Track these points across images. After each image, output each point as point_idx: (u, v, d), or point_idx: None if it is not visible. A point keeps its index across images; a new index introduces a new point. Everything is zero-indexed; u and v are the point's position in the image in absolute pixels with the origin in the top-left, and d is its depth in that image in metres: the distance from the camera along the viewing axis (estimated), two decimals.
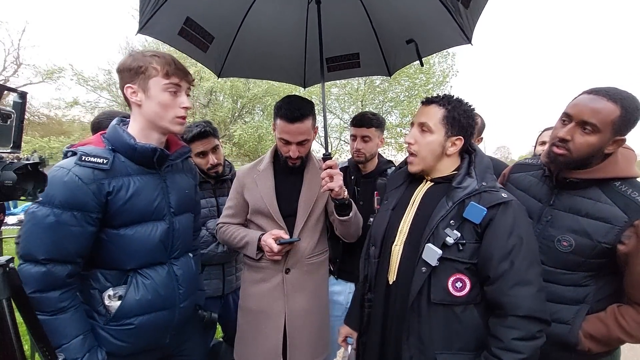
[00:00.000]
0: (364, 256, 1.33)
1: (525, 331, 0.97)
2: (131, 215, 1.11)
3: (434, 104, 1.17)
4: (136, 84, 1.10)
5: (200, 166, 1.87)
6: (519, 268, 1.00)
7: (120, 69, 1.12)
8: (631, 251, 1.06)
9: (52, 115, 16.46)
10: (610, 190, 1.13)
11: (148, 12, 1.56)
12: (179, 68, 1.13)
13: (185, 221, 1.29)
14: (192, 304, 1.32)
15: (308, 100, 1.51)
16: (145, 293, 1.13)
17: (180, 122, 1.16)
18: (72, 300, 1.05)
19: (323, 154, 1.48)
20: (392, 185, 1.33)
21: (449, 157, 1.18)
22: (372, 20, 1.89)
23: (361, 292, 1.32)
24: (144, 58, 1.10)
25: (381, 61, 2.09)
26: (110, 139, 1.14)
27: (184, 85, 1.15)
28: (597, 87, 1.13)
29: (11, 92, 0.85)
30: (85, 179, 1.03)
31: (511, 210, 1.05)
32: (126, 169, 1.12)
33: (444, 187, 1.16)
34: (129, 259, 1.13)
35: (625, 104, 1.06)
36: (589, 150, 1.10)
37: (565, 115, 1.16)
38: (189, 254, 1.33)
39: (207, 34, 1.80)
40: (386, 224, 1.24)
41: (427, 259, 1.06)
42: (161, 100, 1.11)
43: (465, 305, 1.06)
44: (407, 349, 1.10)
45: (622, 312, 1.10)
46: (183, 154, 1.30)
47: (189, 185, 1.34)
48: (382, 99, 15.67)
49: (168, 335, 1.24)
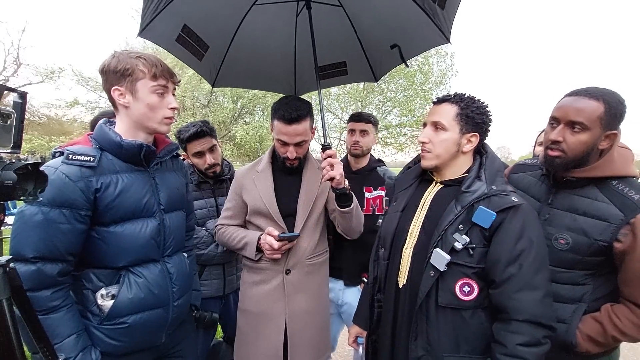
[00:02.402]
0: (373, 257, 1.33)
1: (530, 337, 0.96)
2: (120, 211, 1.12)
3: (446, 102, 1.17)
4: (123, 86, 1.10)
5: (198, 166, 1.87)
6: (526, 272, 0.99)
7: (104, 70, 1.10)
8: (627, 249, 1.07)
9: (52, 115, 16.48)
10: (607, 188, 1.14)
11: (149, 15, 1.58)
12: (165, 69, 1.14)
13: (176, 218, 1.29)
14: (186, 302, 1.32)
15: (305, 101, 1.51)
16: (138, 291, 1.14)
17: (168, 122, 1.19)
18: (64, 299, 1.05)
19: (322, 144, 1.48)
20: (401, 186, 1.33)
21: (464, 155, 1.17)
22: (357, 29, 1.98)
23: (370, 293, 1.32)
24: (130, 60, 1.09)
25: (367, 68, 2.18)
26: (97, 138, 1.15)
27: (170, 87, 1.17)
28: (577, 89, 1.16)
29: (11, 92, 0.85)
30: (72, 177, 1.03)
31: (521, 215, 1.04)
32: (114, 166, 1.13)
33: (454, 190, 1.15)
34: (120, 256, 1.13)
35: (607, 99, 1.09)
36: (583, 148, 1.12)
37: (552, 119, 1.18)
38: (182, 253, 1.34)
39: (203, 42, 1.84)
40: (395, 225, 1.24)
41: (435, 263, 1.06)
42: (149, 102, 1.12)
43: (473, 309, 1.06)
44: (415, 350, 1.10)
45: (615, 311, 1.11)
46: (171, 151, 1.30)
47: (179, 183, 1.34)
48: (382, 99, 15.67)
49: (163, 334, 1.24)
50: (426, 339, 1.08)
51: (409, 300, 1.14)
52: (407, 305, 1.15)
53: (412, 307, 1.11)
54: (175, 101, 1.19)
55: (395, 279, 1.20)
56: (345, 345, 1.80)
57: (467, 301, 1.05)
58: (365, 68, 2.17)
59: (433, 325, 1.07)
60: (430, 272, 1.07)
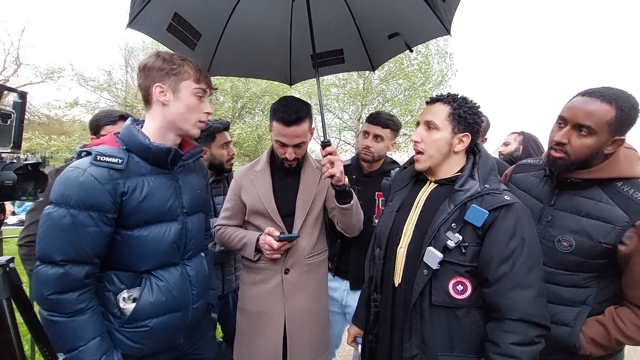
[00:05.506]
0: (369, 257, 1.34)
1: (523, 336, 0.96)
2: (145, 215, 1.11)
3: (439, 102, 1.18)
4: (167, 84, 1.11)
5: (222, 157, 1.95)
6: (518, 271, 0.99)
7: (148, 67, 1.12)
8: (632, 252, 1.05)
9: (52, 115, 16.47)
10: (612, 190, 1.11)
11: (137, 5, 1.55)
12: (207, 76, 1.19)
13: (197, 221, 1.29)
14: (204, 304, 1.32)
15: (304, 102, 1.51)
16: (159, 295, 1.13)
17: (200, 126, 1.21)
18: (90, 301, 1.05)
19: (322, 141, 1.47)
20: (397, 186, 1.33)
21: (456, 155, 1.18)
22: (355, 16, 1.92)
23: (367, 293, 1.33)
24: (177, 60, 1.13)
25: (364, 56, 2.12)
26: (124, 139, 1.14)
27: (208, 92, 1.21)
28: (591, 89, 1.11)
29: (11, 92, 0.85)
30: (101, 179, 1.02)
31: (514, 213, 1.04)
32: (140, 169, 1.12)
33: (447, 189, 1.16)
34: (142, 260, 1.12)
35: (621, 103, 1.05)
36: (587, 152, 1.10)
37: (560, 118, 1.15)
38: (201, 254, 1.33)
39: (195, 31, 1.79)
40: (391, 225, 1.24)
41: (428, 262, 1.06)
42: (189, 103, 1.14)
43: (467, 308, 1.06)
44: (410, 349, 1.10)
45: (619, 314, 1.09)
46: (196, 154, 1.30)
47: (200, 185, 1.34)
48: (382, 99, 15.68)
49: (182, 335, 1.24)
50: (420, 338, 1.08)
51: (404, 299, 1.14)
52: (402, 305, 1.15)
53: (407, 306, 1.12)
54: (209, 107, 1.22)
55: (391, 278, 1.20)
56: (346, 345, 1.81)
57: (461, 300, 1.05)
58: (362, 56, 2.12)
59: (427, 324, 1.08)
60: (424, 270, 1.07)
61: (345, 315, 1.95)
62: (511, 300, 0.98)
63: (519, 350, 0.95)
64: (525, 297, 0.98)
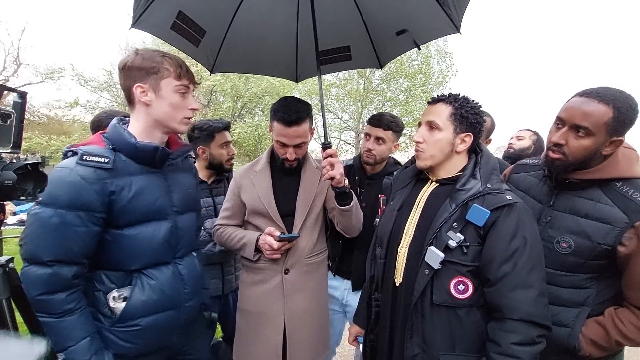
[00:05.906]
0: (370, 256, 1.34)
1: (524, 336, 0.96)
2: (135, 215, 1.11)
3: (440, 102, 1.18)
4: (147, 84, 1.10)
5: (221, 157, 1.94)
6: (520, 271, 0.99)
7: (128, 66, 1.10)
8: (631, 253, 1.05)
9: (52, 115, 16.46)
10: (611, 190, 1.11)
11: (141, 5, 1.55)
12: (188, 71, 1.16)
13: (188, 220, 1.29)
14: (197, 303, 1.32)
15: (305, 102, 1.51)
16: (150, 294, 1.13)
17: (187, 122, 1.20)
18: (79, 301, 1.04)
19: (322, 142, 1.47)
20: (398, 186, 1.33)
21: (458, 155, 1.18)
22: (362, 12, 1.90)
23: (368, 292, 1.33)
24: (156, 58, 1.10)
25: (372, 53, 2.09)
26: (110, 138, 1.13)
27: (191, 88, 1.18)
28: (589, 89, 1.11)
29: (11, 92, 0.85)
30: (88, 179, 1.02)
31: (515, 213, 1.04)
32: (128, 168, 1.12)
33: (449, 188, 1.16)
34: (133, 259, 1.12)
35: (618, 104, 1.04)
36: (584, 153, 1.09)
37: (558, 119, 1.15)
38: (192, 253, 1.33)
39: (199, 28, 1.78)
40: (392, 224, 1.24)
41: (430, 261, 1.06)
42: (172, 101, 1.13)
43: (468, 307, 1.06)
44: (411, 349, 1.10)
45: (619, 315, 1.09)
46: (184, 152, 1.30)
47: (190, 184, 1.34)
48: (382, 99, 15.69)
49: (175, 335, 1.24)
50: (421, 338, 1.08)
51: (405, 298, 1.14)
52: (403, 304, 1.15)
53: (408, 306, 1.12)
54: (195, 102, 1.20)
55: (392, 277, 1.20)
56: (346, 344, 1.81)
57: (462, 299, 1.05)
58: (370, 54, 2.08)
59: (428, 323, 1.08)
60: (425, 270, 1.07)
61: (346, 314, 1.95)
62: (512, 300, 0.98)
63: (520, 350, 0.95)
64: (527, 297, 0.98)
